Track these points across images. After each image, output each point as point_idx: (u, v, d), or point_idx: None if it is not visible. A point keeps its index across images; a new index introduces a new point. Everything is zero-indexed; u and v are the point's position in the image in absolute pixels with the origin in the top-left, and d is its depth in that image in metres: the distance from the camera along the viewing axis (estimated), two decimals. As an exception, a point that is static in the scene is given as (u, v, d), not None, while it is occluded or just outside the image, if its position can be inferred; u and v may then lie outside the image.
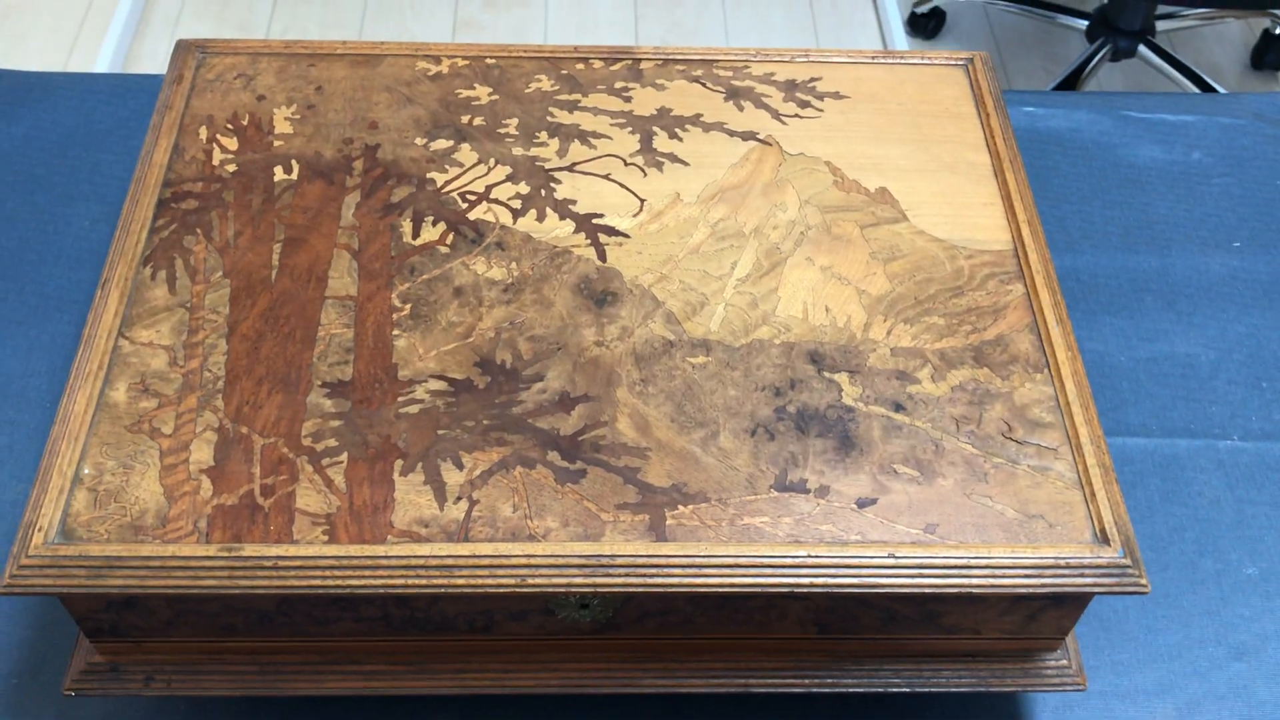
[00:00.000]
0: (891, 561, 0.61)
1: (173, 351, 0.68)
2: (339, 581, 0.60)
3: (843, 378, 0.69)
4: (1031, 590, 0.62)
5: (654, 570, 0.61)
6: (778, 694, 0.69)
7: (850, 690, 0.68)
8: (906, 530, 0.63)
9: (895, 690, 0.68)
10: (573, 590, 0.61)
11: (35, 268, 0.93)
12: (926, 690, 0.69)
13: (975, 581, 0.61)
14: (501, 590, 0.60)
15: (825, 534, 0.62)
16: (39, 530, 0.61)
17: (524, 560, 0.61)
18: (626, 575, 0.61)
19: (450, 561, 0.61)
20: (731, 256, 0.75)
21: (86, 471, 0.63)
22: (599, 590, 0.61)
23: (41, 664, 0.74)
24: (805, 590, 0.61)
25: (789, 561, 0.61)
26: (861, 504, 0.64)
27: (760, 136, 0.82)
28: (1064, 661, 0.69)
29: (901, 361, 0.70)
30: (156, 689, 0.67)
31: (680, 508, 0.63)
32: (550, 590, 0.61)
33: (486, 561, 0.61)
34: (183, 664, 0.67)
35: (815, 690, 0.68)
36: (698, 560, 0.61)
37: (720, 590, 0.61)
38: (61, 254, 0.93)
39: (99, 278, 0.71)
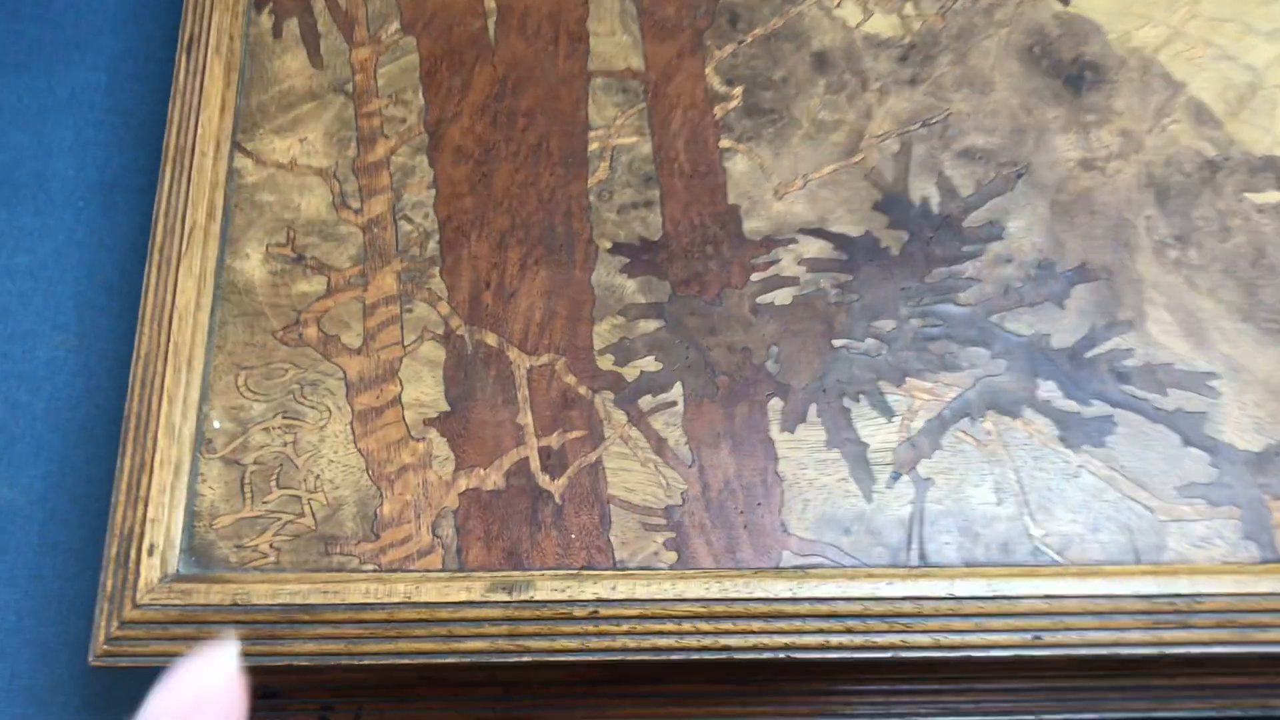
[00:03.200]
0: None
1: (335, 178, 0.38)
2: (710, 643, 0.33)
3: None
4: None
5: None
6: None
7: None
8: None
9: None
10: None
11: (35, -22, 0.59)
12: None
13: None
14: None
15: None
16: (148, 553, 0.33)
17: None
18: None
19: (910, 609, 0.33)
20: (1289, -3, 0.42)
21: (216, 425, 0.34)
22: None
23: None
24: None
25: None
26: None
27: None
28: None
29: None
30: (344, 728, 0.42)
31: None
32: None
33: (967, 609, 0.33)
34: (386, 694, 0.41)
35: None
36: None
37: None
38: (72, -47, 0.59)
39: (154, 15, 0.40)
